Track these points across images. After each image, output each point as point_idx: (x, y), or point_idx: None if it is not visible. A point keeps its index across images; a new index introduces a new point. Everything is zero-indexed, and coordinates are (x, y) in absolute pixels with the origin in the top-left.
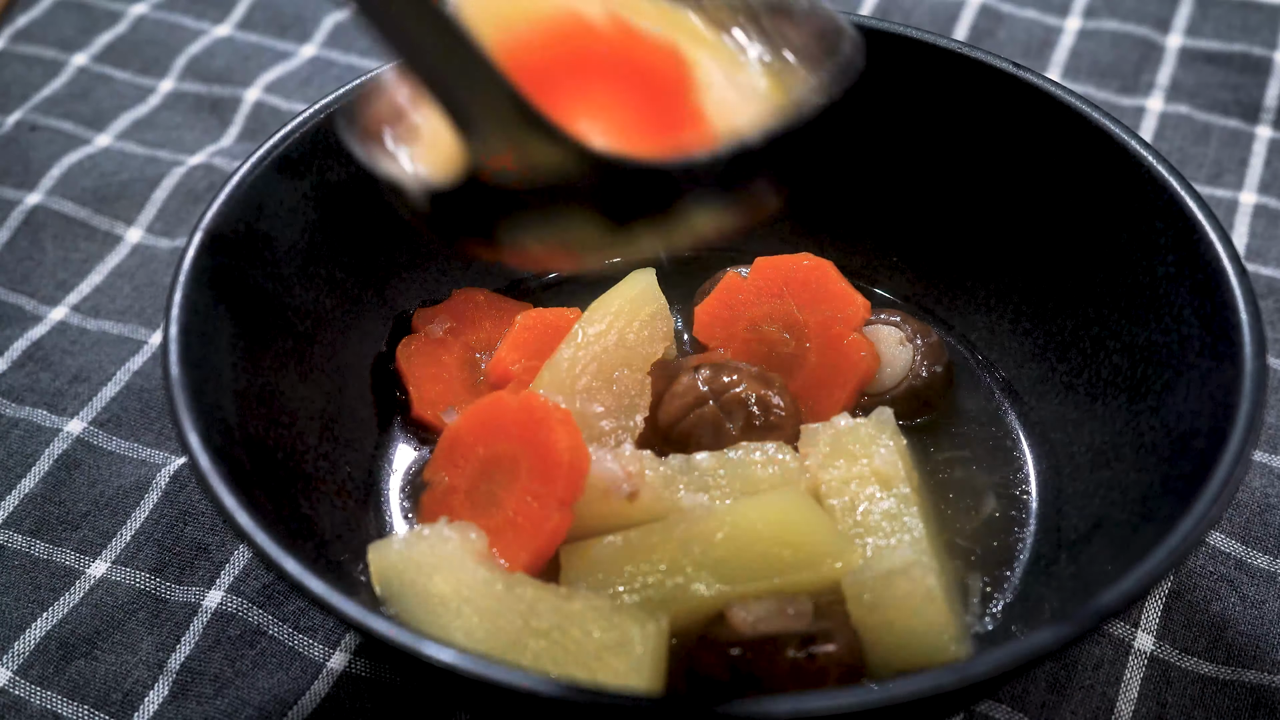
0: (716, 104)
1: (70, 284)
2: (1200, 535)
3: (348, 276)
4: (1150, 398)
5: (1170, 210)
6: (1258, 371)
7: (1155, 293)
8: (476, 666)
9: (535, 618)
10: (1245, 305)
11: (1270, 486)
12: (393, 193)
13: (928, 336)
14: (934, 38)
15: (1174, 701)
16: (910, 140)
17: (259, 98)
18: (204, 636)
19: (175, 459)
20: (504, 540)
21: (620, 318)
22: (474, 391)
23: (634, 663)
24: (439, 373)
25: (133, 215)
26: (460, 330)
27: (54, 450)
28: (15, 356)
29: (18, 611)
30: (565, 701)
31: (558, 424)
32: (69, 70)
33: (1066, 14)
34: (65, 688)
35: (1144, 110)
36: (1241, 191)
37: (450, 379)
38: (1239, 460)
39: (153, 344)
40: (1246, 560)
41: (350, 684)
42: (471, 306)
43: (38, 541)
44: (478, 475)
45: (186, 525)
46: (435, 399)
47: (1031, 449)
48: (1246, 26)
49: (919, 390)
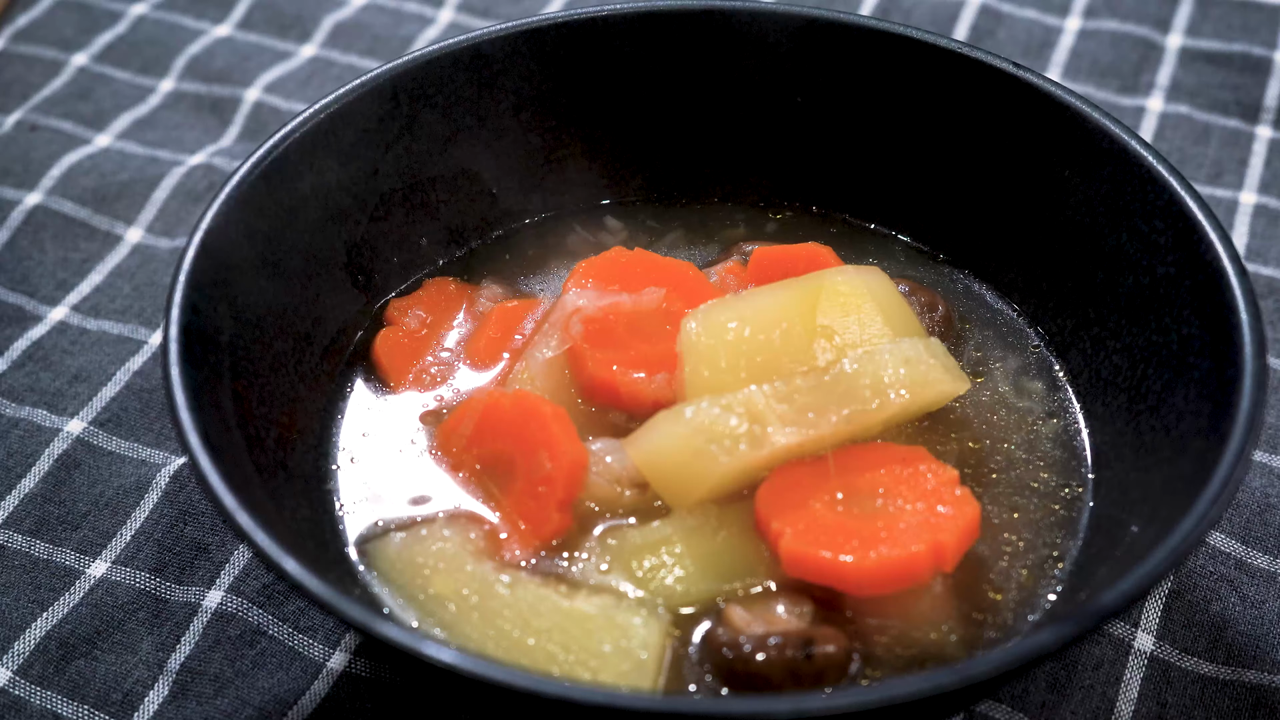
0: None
1: (70, 284)
2: (1200, 535)
3: (348, 277)
4: (1150, 398)
5: (1170, 210)
6: (1258, 371)
7: (1155, 293)
8: (476, 666)
9: (535, 617)
10: (1245, 305)
11: (1270, 486)
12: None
13: (935, 310)
14: (934, 38)
15: (1174, 701)
16: (910, 140)
17: (259, 98)
18: (204, 636)
19: (175, 459)
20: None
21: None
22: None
23: (634, 662)
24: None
25: (133, 215)
26: (437, 321)
27: (54, 450)
28: (15, 356)
29: (18, 611)
30: (565, 701)
31: (555, 424)
32: (69, 70)
33: (1066, 14)
34: (65, 688)
35: (1144, 110)
36: (1241, 191)
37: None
38: (1239, 460)
39: (153, 344)
40: (1246, 560)
41: (350, 684)
42: (444, 296)
43: (38, 541)
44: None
45: (186, 525)
46: (418, 391)
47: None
48: (1246, 26)
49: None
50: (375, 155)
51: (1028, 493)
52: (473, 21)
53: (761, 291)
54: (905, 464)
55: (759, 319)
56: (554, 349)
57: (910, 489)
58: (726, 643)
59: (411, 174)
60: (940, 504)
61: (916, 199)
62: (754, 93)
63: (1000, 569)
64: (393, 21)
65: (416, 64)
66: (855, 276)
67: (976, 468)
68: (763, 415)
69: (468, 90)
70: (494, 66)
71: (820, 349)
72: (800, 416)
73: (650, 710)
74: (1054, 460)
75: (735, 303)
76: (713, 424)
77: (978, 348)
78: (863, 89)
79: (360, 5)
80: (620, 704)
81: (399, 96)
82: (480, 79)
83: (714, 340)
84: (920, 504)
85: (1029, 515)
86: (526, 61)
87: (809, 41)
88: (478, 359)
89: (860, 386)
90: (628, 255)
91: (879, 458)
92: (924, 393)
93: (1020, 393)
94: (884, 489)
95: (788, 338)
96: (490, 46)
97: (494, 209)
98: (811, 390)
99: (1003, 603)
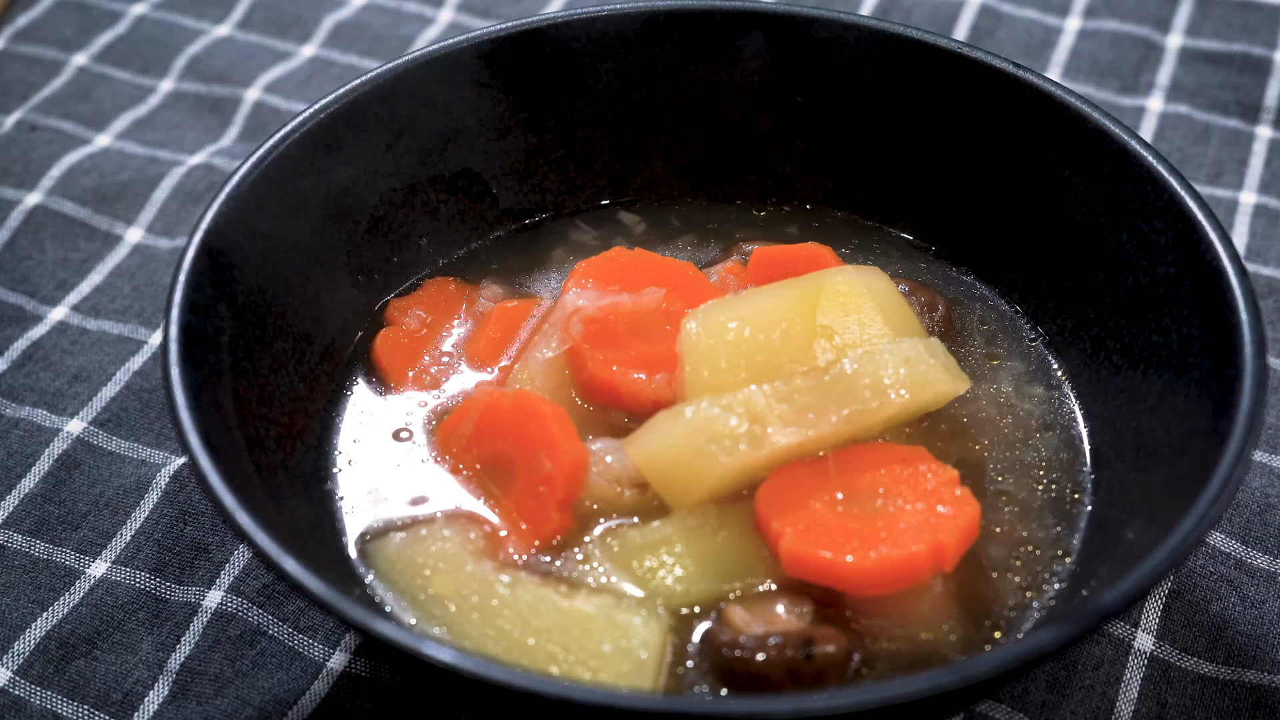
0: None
1: (70, 284)
2: (1200, 535)
3: (348, 276)
4: (1150, 398)
5: (1170, 210)
6: (1258, 371)
7: (1155, 293)
8: (476, 666)
9: (535, 617)
10: (1245, 305)
11: (1270, 486)
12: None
13: (935, 310)
14: (934, 38)
15: (1174, 701)
16: (910, 141)
17: (259, 98)
18: (204, 636)
19: (175, 459)
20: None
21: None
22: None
23: (634, 662)
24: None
25: (133, 215)
26: (437, 321)
27: (54, 450)
28: (15, 356)
29: (18, 611)
30: (565, 701)
31: (555, 424)
32: (69, 70)
33: (1066, 14)
34: (65, 688)
35: (1144, 110)
36: (1241, 191)
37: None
38: (1239, 460)
39: (153, 344)
40: (1246, 560)
41: (350, 684)
42: (444, 296)
43: (38, 541)
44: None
45: (186, 525)
46: (418, 391)
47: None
48: (1246, 26)
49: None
50: (375, 155)
51: (1028, 492)
52: (473, 21)
53: (761, 291)
54: (905, 464)
55: (759, 319)
56: (554, 349)
57: (910, 489)
58: (726, 643)
59: (411, 174)
60: (940, 504)
61: (917, 199)
62: (754, 93)
63: (1000, 569)
64: (393, 21)
65: (416, 64)
66: (855, 276)
67: (976, 468)
68: (763, 415)
69: (468, 90)
70: (494, 66)
71: (820, 349)
72: (800, 416)
73: (650, 710)
74: (1054, 460)
75: (735, 303)
76: (713, 424)
77: (978, 348)
78: (863, 89)
79: (360, 5)
80: (620, 704)
81: (399, 96)
82: (480, 79)
83: (714, 340)
84: (920, 504)
85: (1029, 515)
86: (526, 61)
87: (809, 42)
88: (478, 359)
89: (860, 386)
90: (628, 255)
91: (879, 458)
92: (924, 393)
93: (1020, 393)
94: (884, 489)
95: (788, 338)
96: (490, 46)
97: (494, 209)
98: (811, 390)
99: (1002, 603)
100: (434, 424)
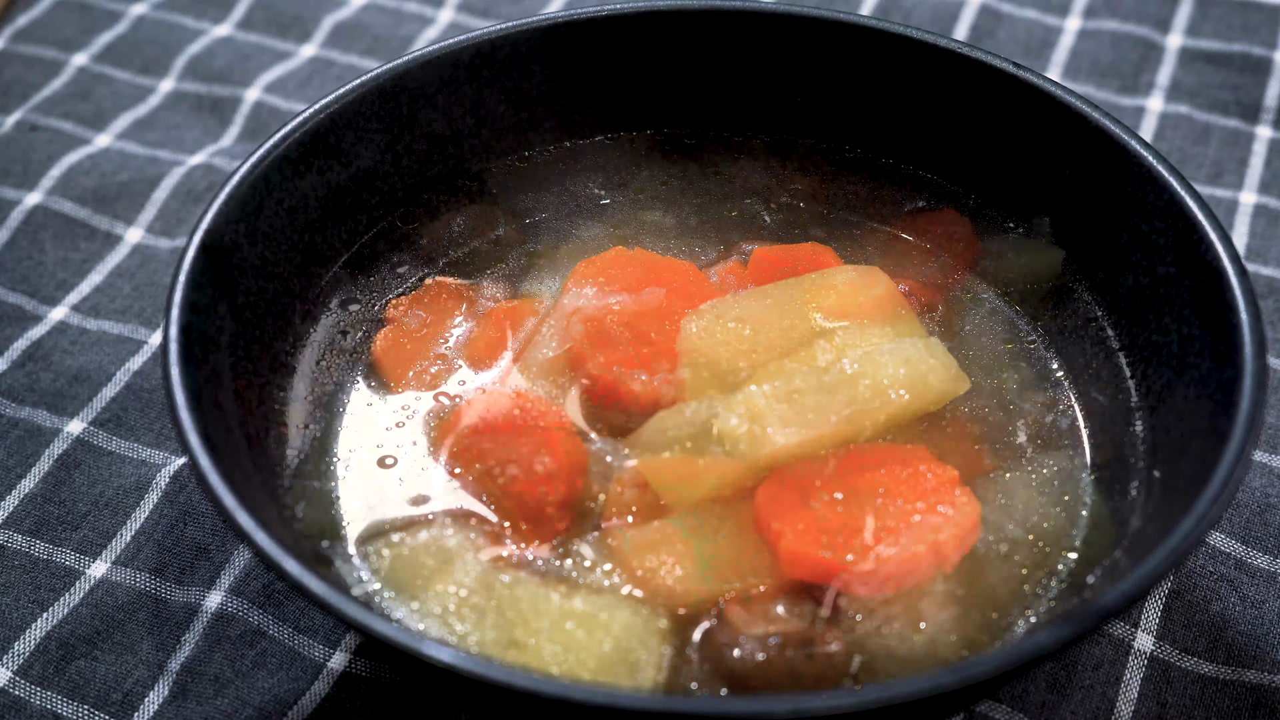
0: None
1: (70, 284)
2: (1200, 535)
3: (348, 276)
4: (1150, 398)
5: (1170, 210)
6: (1258, 371)
7: (1155, 293)
8: (476, 666)
9: (535, 617)
10: (1245, 305)
11: (1270, 486)
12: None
13: (935, 310)
14: (934, 38)
15: (1174, 701)
16: (910, 141)
17: (259, 98)
18: (204, 637)
19: (175, 459)
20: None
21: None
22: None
23: (634, 662)
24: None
25: (133, 215)
26: (437, 321)
27: (54, 450)
28: (15, 356)
29: (18, 611)
30: (565, 701)
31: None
32: (69, 70)
33: (1066, 14)
34: (65, 688)
35: (1144, 110)
36: (1241, 191)
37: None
38: (1239, 460)
39: (153, 344)
40: (1246, 560)
41: (350, 684)
42: (444, 296)
43: (38, 541)
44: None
45: (186, 525)
46: (418, 391)
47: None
48: (1246, 26)
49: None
50: (375, 155)
51: (1027, 492)
52: (473, 21)
53: (761, 291)
54: (905, 464)
55: (759, 319)
56: (554, 349)
57: (910, 489)
58: (726, 643)
59: (411, 174)
60: (940, 504)
61: (916, 198)
62: (754, 93)
63: (1000, 569)
64: (393, 21)
65: (416, 64)
66: (855, 276)
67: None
68: (763, 415)
69: (468, 90)
70: (494, 66)
71: (820, 349)
72: (800, 416)
73: (650, 710)
74: (1054, 460)
75: (735, 303)
76: (713, 424)
77: (978, 348)
78: (863, 89)
79: (360, 5)
80: (620, 704)
81: (399, 96)
82: (480, 79)
83: (714, 340)
84: (920, 504)
85: (1029, 515)
86: (526, 61)
87: (809, 41)
88: (478, 359)
89: (860, 386)
90: (628, 255)
91: (879, 458)
92: (924, 393)
93: (1020, 393)
94: (884, 489)
95: (788, 338)
96: (490, 46)
97: (494, 208)
98: (811, 390)
99: (1003, 603)
100: (434, 424)
